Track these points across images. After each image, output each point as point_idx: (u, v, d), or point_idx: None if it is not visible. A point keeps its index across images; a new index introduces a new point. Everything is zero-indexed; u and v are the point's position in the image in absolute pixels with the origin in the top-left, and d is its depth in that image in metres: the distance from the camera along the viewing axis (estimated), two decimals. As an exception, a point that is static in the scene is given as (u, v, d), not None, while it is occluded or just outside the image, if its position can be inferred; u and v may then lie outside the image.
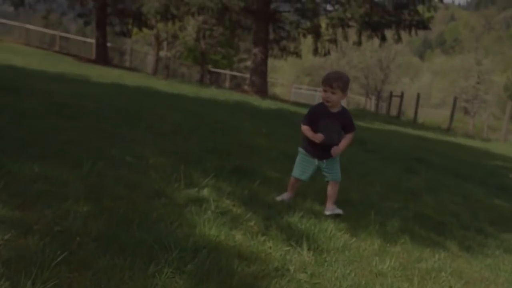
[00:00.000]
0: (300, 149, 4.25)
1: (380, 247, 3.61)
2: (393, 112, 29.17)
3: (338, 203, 4.27)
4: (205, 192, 3.91)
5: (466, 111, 49.45)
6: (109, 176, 3.81)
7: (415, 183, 6.12)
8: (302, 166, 4.22)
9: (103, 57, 27.33)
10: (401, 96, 27.47)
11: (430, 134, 17.14)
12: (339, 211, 4.09)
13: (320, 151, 4.08)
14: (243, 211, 3.72)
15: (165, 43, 41.10)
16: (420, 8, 20.41)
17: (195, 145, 5.54)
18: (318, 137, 3.97)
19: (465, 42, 58.74)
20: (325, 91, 3.94)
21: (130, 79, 16.40)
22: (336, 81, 3.88)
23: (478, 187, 6.86)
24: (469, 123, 43.33)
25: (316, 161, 4.16)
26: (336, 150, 4.04)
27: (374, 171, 6.46)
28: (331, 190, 4.22)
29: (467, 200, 5.82)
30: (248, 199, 4.03)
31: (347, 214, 4.14)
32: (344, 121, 4.05)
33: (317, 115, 4.02)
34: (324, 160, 4.13)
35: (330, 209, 4.11)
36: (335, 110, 4.01)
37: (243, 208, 3.79)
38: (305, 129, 4.07)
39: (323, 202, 4.41)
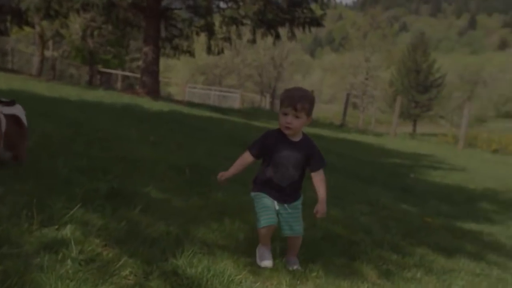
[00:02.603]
0: (254, 194, 3.24)
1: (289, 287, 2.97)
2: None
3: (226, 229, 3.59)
4: (68, 230, 3.04)
5: (355, 106, 51.23)
6: None
7: (320, 193, 5.59)
8: (267, 209, 3.16)
9: (-24, 58, 24.77)
10: (296, 94, 27.56)
11: (326, 132, 17.06)
12: (298, 266, 3.30)
13: (279, 192, 3.17)
14: (116, 254, 2.91)
15: (50, 43, 38.44)
16: (313, 6, 20.39)
17: (65, 164, 4.59)
18: (220, 177, 3.19)
19: (353, 40, 60.96)
20: (285, 114, 3.02)
21: (5, 82, 14.74)
22: (301, 102, 2.98)
23: (383, 191, 6.52)
24: (359, 118, 44.78)
25: (276, 204, 3.18)
26: (322, 208, 3.21)
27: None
28: (295, 243, 3.36)
29: (375, 208, 5.39)
30: (125, 234, 3.23)
31: (247, 243, 3.46)
32: (308, 153, 3.13)
33: (272, 145, 3.09)
34: (286, 205, 3.21)
35: (293, 262, 3.33)
36: (296, 138, 3.11)
37: (118, 249, 2.99)
38: (242, 157, 3.17)
39: (219, 229, 3.71)
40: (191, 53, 24.07)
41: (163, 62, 25.50)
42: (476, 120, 52.11)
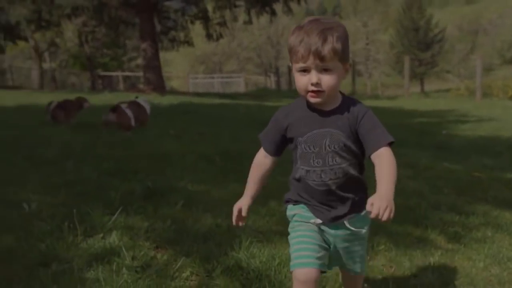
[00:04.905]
0: (287, 207, 2.03)
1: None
2: (294, 86, 28.96)
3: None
4: (114, 237, 2.83)
5: (359, 73, 50.64)
6: (-31, 245, 2.65)
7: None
8: (302, 242, 1.90)
9: (-24, 80, 24.60)
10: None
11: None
12: None
13: (321, 204, 1.91)
14: (171, 255, 2.70)
15: (46, 54, 38.23)
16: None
17: (92, 169, 4.38)
18: (238, 216, 2.05)
19: (348, 8, 60.32)
20: (304, 70, 1.77)
21: (10, 98, 14.53)
22: (329, 41, 1.71)
23: (419, 152, 6.26)
24: (367, 84, 44.39)
25: (316, 224, 1.92)
26: (380, 201, 1.64)
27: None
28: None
29: (417, 170, 5.13)
30: (174, 232, 3.01)
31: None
32: (357, 122, 1.83)
33: (292, 126, 1.89)
34: (333, 225, 1.92)
35: None
36: (328, 106, 1.85)
37: (171, 249, 2.78)
38: (255, 163, 2.03)
39: (268, 213, 3.49)
40: (189, 43, 23.70)
41: (161, 56, 25.20)
42: (483, 69, 51.38)
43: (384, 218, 1.61)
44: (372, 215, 1.62)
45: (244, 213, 2.04)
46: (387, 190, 1.70)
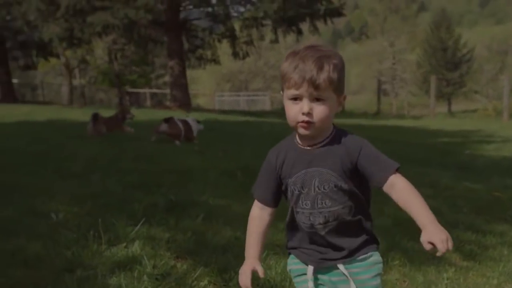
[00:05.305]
0: (290, 257, 1.83)
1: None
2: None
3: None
4: (136, 246, 2.95)
5: (385, 93, 50.33)
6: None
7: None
8: None
9: (10, 95, 25.27)
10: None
11: (363, 121, 16.80)
12: None
13: (317, 243, 1.71)
14: (191, 265, 2.81)
15: (77, 71, 39.12)
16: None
17: (117, 182, 4.54)
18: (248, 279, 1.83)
19: (375, 27, 60.25)
20: (295, 98, 1.60)
21: (41, 114, 14.93)
22: (324, 70, 1.57)
23: (441, 171, 6.26)
24: (392, 104, 44.11)
25: (310, 276, 1.72)
26: (435, 234, 1.49)
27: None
28: None
29: (438, 190, 5.15)
30: (194, 244, 3.12)
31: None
32: (355, 156, 1.63)
33: (281, 166, 1.71)
34: (324, 270, 1.72)
35: None
36: (319, 141, 1.65)
37: (190, 259, 2.88)
38: (252, 218, 1.85)
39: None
40: (216, 61, 24.03)
41: (188, 74, 25.60)
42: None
43: (450, 248, 1.48)
44: (440, 254, 1.48)
45: (261, 274, 1.81)
46: (431, 220, 1.54)
